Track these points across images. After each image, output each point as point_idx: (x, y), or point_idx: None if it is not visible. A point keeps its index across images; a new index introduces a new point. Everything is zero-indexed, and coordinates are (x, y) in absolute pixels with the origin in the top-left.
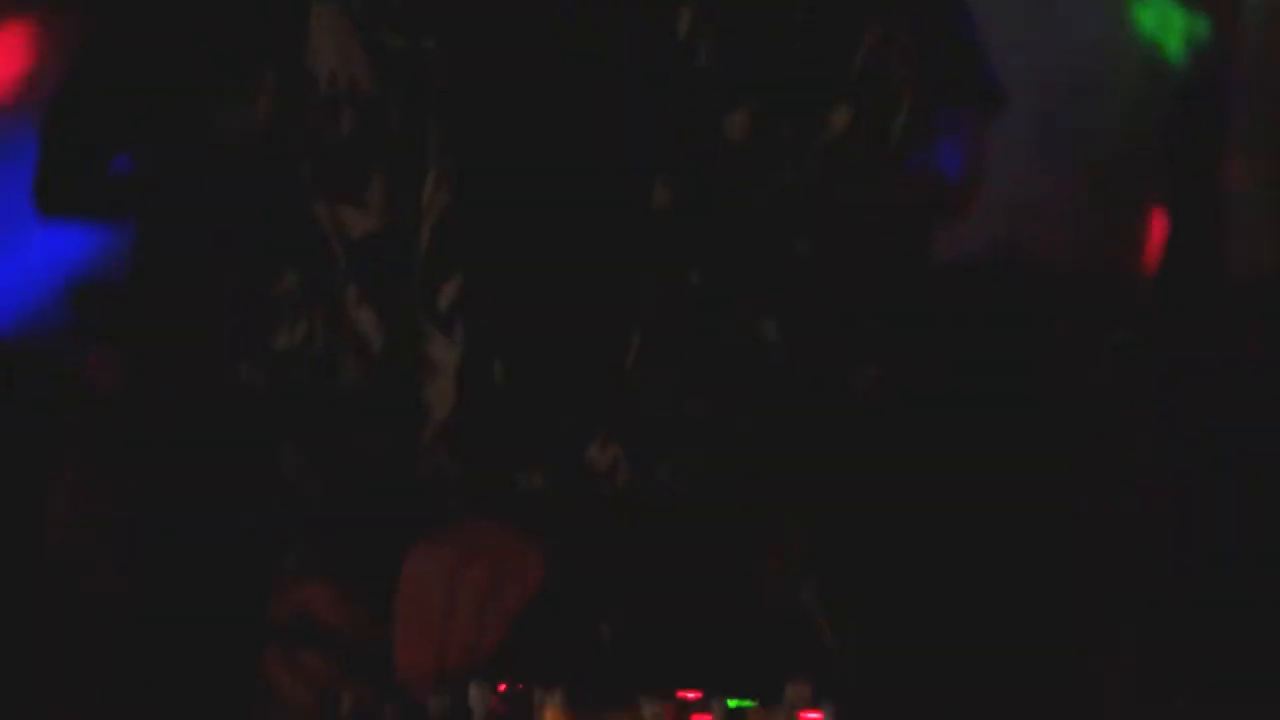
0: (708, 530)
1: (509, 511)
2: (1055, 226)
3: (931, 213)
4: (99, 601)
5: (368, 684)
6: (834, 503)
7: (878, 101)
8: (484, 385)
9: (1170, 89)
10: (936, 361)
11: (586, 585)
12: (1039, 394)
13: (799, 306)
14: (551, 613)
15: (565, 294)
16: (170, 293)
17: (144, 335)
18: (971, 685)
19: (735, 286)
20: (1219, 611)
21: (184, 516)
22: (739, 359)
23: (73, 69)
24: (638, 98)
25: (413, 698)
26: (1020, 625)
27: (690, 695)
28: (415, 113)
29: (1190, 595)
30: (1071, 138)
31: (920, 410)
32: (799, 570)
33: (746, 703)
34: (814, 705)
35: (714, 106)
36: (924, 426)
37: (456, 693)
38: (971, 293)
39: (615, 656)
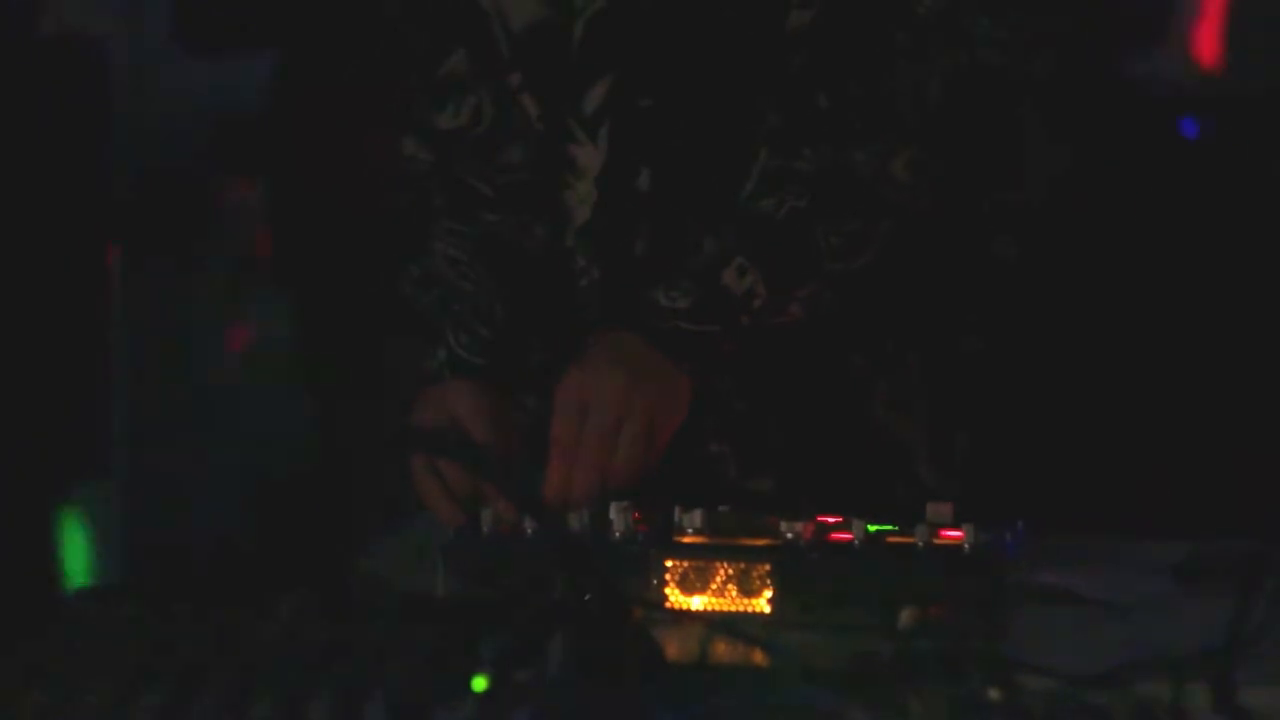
0: (828, 361)
1: (654, 330)
2: None
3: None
4: None
5: (506, 499)
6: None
7: None
8: (624, 191)
9: None
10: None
11: (721, 409)
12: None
13: (930, 148)
14: (691, 436)
15: (706, 109)
16: (319, 116)
17: (291, 162)
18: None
19: (863, 116)
20: None
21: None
22: (869, 194)
23: None
24: None
25: (553, 515)
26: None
27: (830, 518)
28: None
29: None
30: None
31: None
32: (909, 405)
33: (886, 525)
34: (955, 525)
35: None
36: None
37: (597, 510)
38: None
39: (748, 481)
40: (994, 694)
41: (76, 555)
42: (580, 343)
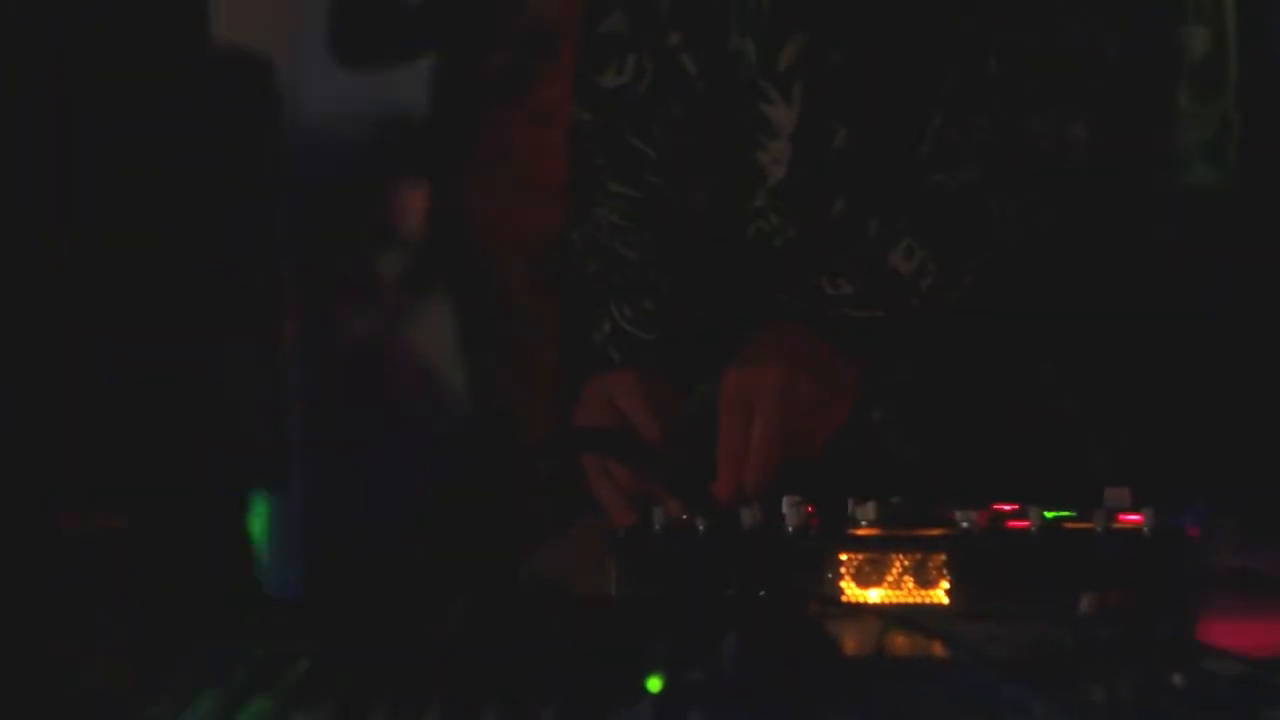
0: (997, 339)
1: (818, 319)
2: None
3: None
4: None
5: (675, 494)
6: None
7: None
8: (818, 149)
9: None
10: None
11: (892, 398)
12: None
13: (1109, 109)
14: (860, 426)
15: (882, 72)
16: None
17: (444, 169)
18: None
19: (1037, 80)
20: None
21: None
22: (1045, 158)
23: None
24: None
25: (724, 512)
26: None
27: (1005, 506)
28: None
29: None
30: None
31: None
32: (1064, 383)
33: (1064, 512)
34: (1134, 509)
35: None
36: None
37: (769, 505)
38: None
39: (923, 470)
40: (1178, 679)
41: (255, 560)
42: (750, 317)
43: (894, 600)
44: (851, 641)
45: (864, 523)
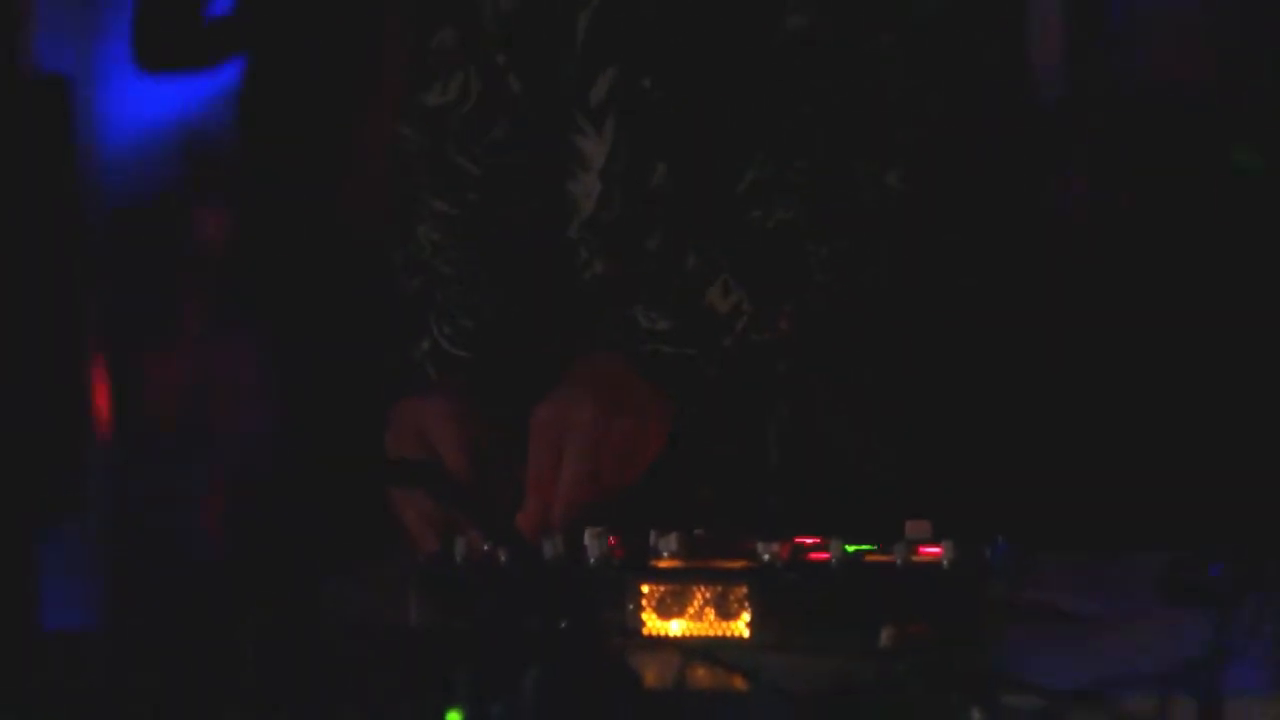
0: (803, 379)
1: (633, 354)
2: None
3: None
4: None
5: (479, 527)
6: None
7: None
8: (635, 184)
9: None
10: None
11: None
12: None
13: (924, 160)
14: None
15: (703, 114)
16: (283, 141)
17: (256, 189)
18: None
19: (857, 129)
20: None
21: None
22: (862, 205)
23: None
24: None
25: (527, 544)
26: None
27: (807, 539)
28: None
29: None
30: None
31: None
32: (884, 423)
33: (865, 545)
34: (934, 542)
35: None
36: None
37: (571, 537)
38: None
39: (727, 507)
40: (977, 713)
41: (52, 591)
42: (568, 344)
43: (695, 632)
44: (652, 674)
45: (666, 554)
